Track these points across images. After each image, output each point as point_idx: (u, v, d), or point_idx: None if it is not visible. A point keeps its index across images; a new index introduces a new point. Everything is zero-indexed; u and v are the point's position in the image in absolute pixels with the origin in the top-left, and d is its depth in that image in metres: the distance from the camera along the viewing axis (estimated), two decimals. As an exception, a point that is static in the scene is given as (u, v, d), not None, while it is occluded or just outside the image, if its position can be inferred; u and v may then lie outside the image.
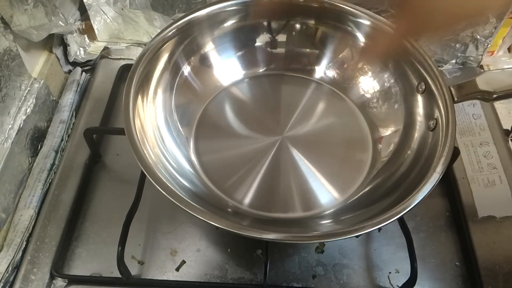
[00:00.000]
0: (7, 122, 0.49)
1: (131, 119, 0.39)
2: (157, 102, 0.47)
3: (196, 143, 0.49)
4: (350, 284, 0.44)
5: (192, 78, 0.51)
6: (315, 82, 0.54)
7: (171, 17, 0.63)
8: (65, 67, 0.63)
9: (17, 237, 0.45)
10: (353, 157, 0.48)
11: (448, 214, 0.49)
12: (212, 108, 0.52)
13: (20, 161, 0.50)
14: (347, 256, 0.45)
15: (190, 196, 0.37)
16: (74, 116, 0.57)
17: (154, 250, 0.45)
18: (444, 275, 0.44)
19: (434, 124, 0.42)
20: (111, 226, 0.47)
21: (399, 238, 0.44)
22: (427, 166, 0.38)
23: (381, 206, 0.38)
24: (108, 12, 0.63)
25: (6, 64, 0.48)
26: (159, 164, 0.40)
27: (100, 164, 0.52)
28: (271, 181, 0.46)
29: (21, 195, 0.49)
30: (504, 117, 0.57)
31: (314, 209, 0.44)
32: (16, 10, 0.49)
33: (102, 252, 0.45)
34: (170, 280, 0.44)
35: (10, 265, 0.43)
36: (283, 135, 0.49)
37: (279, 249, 0.46)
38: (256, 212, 0.44)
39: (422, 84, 0.45)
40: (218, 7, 0.49)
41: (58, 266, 0.44)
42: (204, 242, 0.46)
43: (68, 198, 0.49)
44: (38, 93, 0.54)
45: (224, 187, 0.45)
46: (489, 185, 0.50)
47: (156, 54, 0.46)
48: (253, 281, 0.44)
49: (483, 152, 0.53)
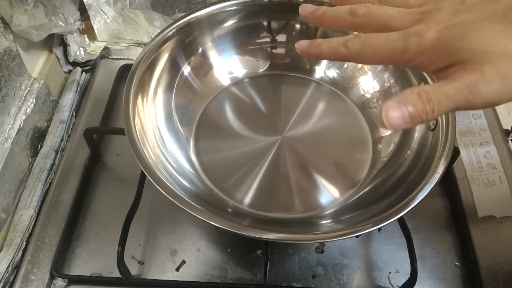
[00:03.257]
0: (7, 122, 0.49)
1: (131, 119, 0.39)
2: (157, 102, 0.47)
3: (196, 143, 0.49)
4: (350, 284, 0.44)
5: (192, 78, 0.51)
6: (315, 82, 0.54)
7: (171, 17, 0.63)
8: (65, 67, 0.63)
9: (17, 237, 0.45)
10: (353, 157, 0.48)
11: (448, 214, 0.49)
12: (212, 108, 0.52)
13: (20, 161, 0.50)
14: (347, 256, 0.45)
15: (190, 196, 0.37)
16: (74, 116, 0.57)
17: (154, 250, 0.45)
18: (444, 275, 0.44)
19: (434, 124, 0.42)
20: (111, 226, 0.47)
21: (399, 238, 0.44)
22: (427, 166, 0.38)
23: (381, 206, 0.38)
24: (108, 12, 0.63)
25: (6, 64, 0.48)
26: (159, 164, 0.40)
27: (100, 164, 0.52)
28: (271, 181, 0.46)
29: (21, 195, 0.49)
30: (504, 117, 0.57)
31: (314, 209, 0.44)
32: (16, 10, 0.49)
33: (102, 252, 0.45)
34: (170, 280, 0.44)
35: (10, 265, 0.43)
36: (283, 135, 0.49)
37: (279, 249, 0.46)
38: (256, 212, 0.44)
39: (422, 84, 0.45)
40: (218, 7, 0.49)
41: (58, 266, 0.44)
42: (204, 242, 0.46)
43: (68, 198, 0.49)
44: (38, 93, 0.54)
45: (224, 187, 0.45)
46: (489, 185, 0.50)
47: (156, 54, 0.46)
48: (253, 281, 0.44)
49: (483, 152, 0.53)
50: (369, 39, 0.27)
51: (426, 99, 0.24)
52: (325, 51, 0.29)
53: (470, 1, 0.26)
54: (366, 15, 0.28)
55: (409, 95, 0.24)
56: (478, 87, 0.23)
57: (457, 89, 0.24)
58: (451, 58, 0.24)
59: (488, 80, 0.23)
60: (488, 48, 0.23)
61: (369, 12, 0.28)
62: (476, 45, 0.24)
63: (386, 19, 0.27)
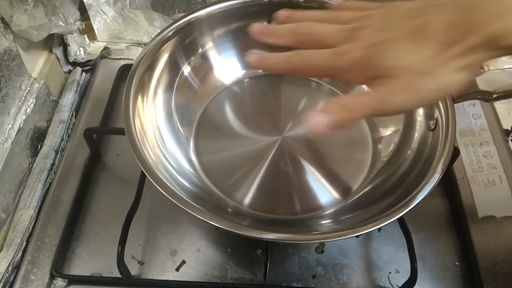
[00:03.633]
0: (7, 122, 0.49)
1: (131, 119, 0.39)
2: (157, 102, 0.47)
3: (196, 143, 0.49)
4: (350, 284, 0.44)
5: (192, 78, 0.51)
6: (315, 82, 0.54)
7: (171, 17, 0.63)
8: (65, 67, 0.63)
9: (17, 237, 0.45)
10: (353, 157, 0.48)
11: (448, 214, 0.49)
12: (212, 108, 0.52)
13: (20, 161, 0.50)
14: (347, 256, 0.45)
15: (190, 196, 0.37)
16: (74, 116, 0.57)
17: (154, 250, 0.45)
18: (444, 275, 0.44)
19: (434, 124, 0.42)
20: (111, 226, 0.47)
21: (399, 238, 0.44)
22: (427, 166, 0.38)
23: (381, 206, 0.38)
24: (108, 12, 0.63)
25: (6, 64, 0.48)
26: (159, 164, 0.40)
27: (100, 164, 0.52)
28: (271, 181, 0.46)
29: (21, 195, 0.49)
30: (504, 117, 0.57)
31: (314, 209, 0.44)
32: (16, 10, 0.49)
33: (102, 252, 0.45)
34: (170, 280, 0.44)
35: (10, 265, 0.43)
36: (283, 135, 0.49)
37: (279, 249, 0.46)
38: (256, 212, 0.44)
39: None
40: (218, 7, 0.49)
41: (58, 266, 0.44)
42: (204, 242, 0.46)
43: (68, 198, 0.49)
44: (38, 93, 0.54)
45: (224, 187, 0.45)
46: (489, 185, 0.50)
47: (156, 54, 0.46)
48: (253, 281, 0.44)
49: (483, 152, 0.53)
50: (306, 57, 0.31)
51: (344, 108, 0.29)
52: (273, 65, 0.33)
53: (392, 17, 0.29)
54: (304, 34, 0.32)
55: (331, 104, 0.29)
56: (387, 98, 0.28)
57: (370, 99, 0.28)
58: (372, 73, 0.28)
59: (393, 92, 0.27)
60: (398, 64, 0.27)
61: (307, 31, 0.32)
62: (389, 62, 0.27)
63: (322, 38, 0.31)
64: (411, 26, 0.27)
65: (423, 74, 0.26)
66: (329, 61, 0.30)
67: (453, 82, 0.27)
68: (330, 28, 0.31)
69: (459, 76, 0.26)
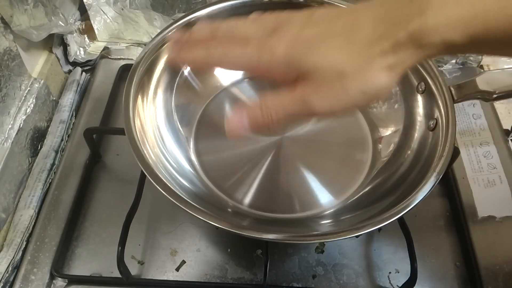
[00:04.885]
0: (7, 122, 0.49)
1: (131, 119, 0.39)
2: (157, 102, 0.47)
3: (196, 143, 0.49)
4: (350, 284, 0.44)
5: (192, 78, 0.51)
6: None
7: (171, 17, 0.63)
8: (65, 67, 0.63)
9: (17, 237, 0.45)
10: (353, 157, 0.48)
11: (448, 214, 0.49)
12: (212, 108, 0.52)
13: (20, 161, 0.50)
14: (347, 256, 0.45)
15: (190, 196, 0.37)
16: (74, 116, 0.57)
17: (154, 250, 0.45)
18: (444, 275, 0.44)
19: (434, 124, 0.42)
20: (111, 226, 0.47)
21: (399, 238, 0.44)
22: (427, 166, 0.38)
23: (381, 206, 0.38)
24: (108, 12, 0.63)
25: (6, 64, 0.48)
26: (159, 164, 0.40)
27: (100, 164, 0.52)
28: (271, 181, 0.46)
29: (21, 195, 0.49)
30: (504, 117, 0.57)
31: (314, 209, 0.44)
32: (16, 10, 0.49)
33: (102, 252, 0.45)
34: (170, 280, 0.44)
35: (10, 265, 0.43)
36: (283, 135, 0.49)
37: (279, 249, 0.46)
38: (256, 212, 0.44)
39: (422, 84, 0.45)
40: (218, 7, 0.49)
41: (58, 266, 0.44)
42: (204, 242, 0.46)
43: (68, 198, 0.49)
44: (38, 93, 0.54)
45: (224, 187, 0.45)
46: (489, 185, 0.50)
47: (156, 54, 0.46)
48: (253, 281, 0.44)
49: (483, 152, 0.53)
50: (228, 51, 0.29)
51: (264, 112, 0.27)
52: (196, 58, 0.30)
53: (317, 17, 0.27)
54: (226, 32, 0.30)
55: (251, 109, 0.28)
56: (310, 98, 0.26)
57: (292, 99, 0.27)
58: (298, 71, 0.27)
59: (318, 93, 0.26)
60: (323, 63, 0.26)
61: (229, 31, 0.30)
62: (314, 62, 0.26)
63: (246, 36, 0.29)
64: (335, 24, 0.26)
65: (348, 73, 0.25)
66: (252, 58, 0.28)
67: (379, 83, 0.25)
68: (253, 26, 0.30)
69: (386, 77, 0.25)
